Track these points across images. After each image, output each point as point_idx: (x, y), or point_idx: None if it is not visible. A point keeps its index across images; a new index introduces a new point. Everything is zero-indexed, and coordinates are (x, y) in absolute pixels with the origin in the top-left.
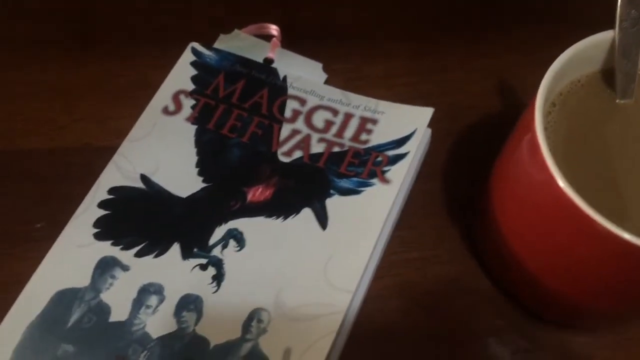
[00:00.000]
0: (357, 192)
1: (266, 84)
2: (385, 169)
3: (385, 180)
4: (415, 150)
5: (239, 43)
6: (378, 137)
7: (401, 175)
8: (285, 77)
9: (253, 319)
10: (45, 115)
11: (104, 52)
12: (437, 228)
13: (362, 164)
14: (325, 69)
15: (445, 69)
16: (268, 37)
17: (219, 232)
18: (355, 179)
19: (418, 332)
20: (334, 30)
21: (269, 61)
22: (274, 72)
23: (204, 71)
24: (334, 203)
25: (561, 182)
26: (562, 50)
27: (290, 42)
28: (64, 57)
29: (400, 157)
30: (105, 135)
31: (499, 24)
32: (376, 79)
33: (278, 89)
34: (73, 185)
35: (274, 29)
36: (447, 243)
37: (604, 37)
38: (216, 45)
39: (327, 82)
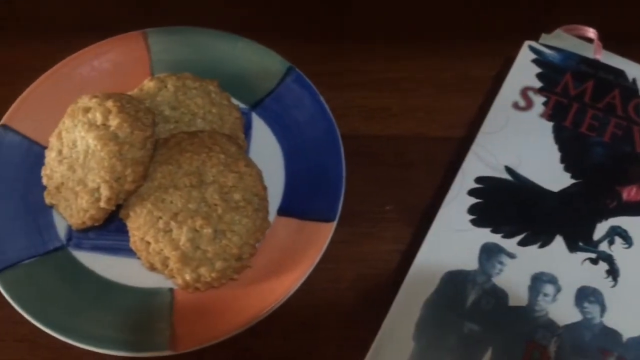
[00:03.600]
0: None
1: (616, 86)
2: None
3: None
4: None
5: (562, 43)
6: None
7: None
8: (634, 80)
9: None
10: (379, 104)
11: (422, 47)
12: None
13: None
14: None
15: None
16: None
17: (601, 228)
18: None
19: None
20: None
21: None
22: (622, 74)
23: (549, 69)
24: None
25: None
26: None
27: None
28: (388, 49)
29: None
30: (436, 126)
31: None
32: None
33: (629, 90)
34: (411, 171)
35: (591, 32)
36: None
37: None
38: (542, 42)
39: None
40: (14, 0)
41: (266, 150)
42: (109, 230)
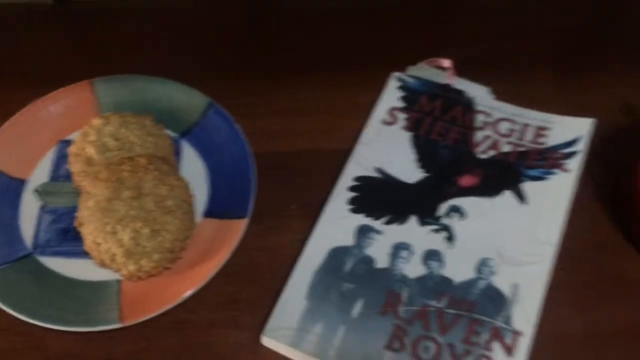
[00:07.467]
0: (544, 179)
1: (459, 103)
2: (563, 162)
3: (565, 170)
4: (584, 148)
5: (424, 72)
6: (552, 139)
7: (577, 166)
8: (471, 98)
9: (483, 265)
10: (285, 127)
11: (318, 81)
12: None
13: (544, 159)
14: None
15: (589, 88)
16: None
17: (443, 207)
18: (541, 169)
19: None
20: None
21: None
22: (462, 93)
23: (409, 93)
24: (527, 186)
25: None
26: None
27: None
28: (290, 83)
29: (573, 154)
30: (331, 141)
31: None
32: (531, 97)
33: (467, 106)
34: (312, 178)
35: (446, 62)
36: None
37: None
38: (408, 73)
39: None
40: None
41: (194, 168)
42: (67, 238)
